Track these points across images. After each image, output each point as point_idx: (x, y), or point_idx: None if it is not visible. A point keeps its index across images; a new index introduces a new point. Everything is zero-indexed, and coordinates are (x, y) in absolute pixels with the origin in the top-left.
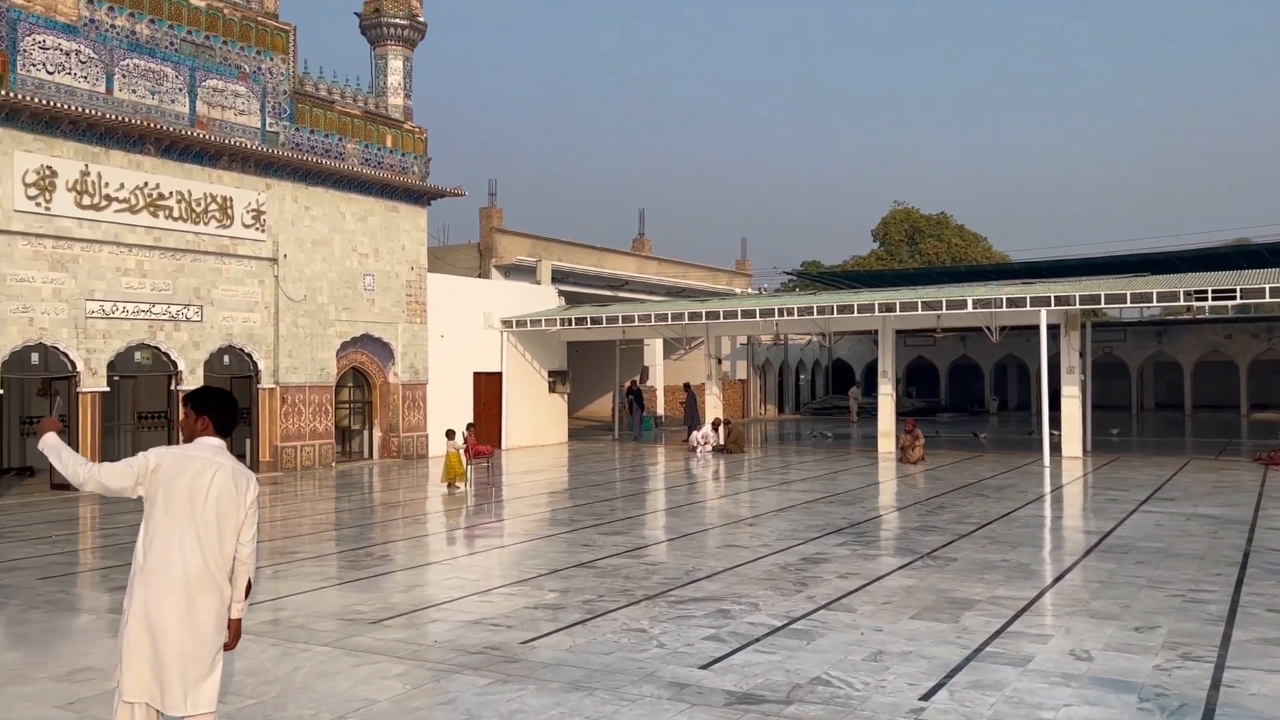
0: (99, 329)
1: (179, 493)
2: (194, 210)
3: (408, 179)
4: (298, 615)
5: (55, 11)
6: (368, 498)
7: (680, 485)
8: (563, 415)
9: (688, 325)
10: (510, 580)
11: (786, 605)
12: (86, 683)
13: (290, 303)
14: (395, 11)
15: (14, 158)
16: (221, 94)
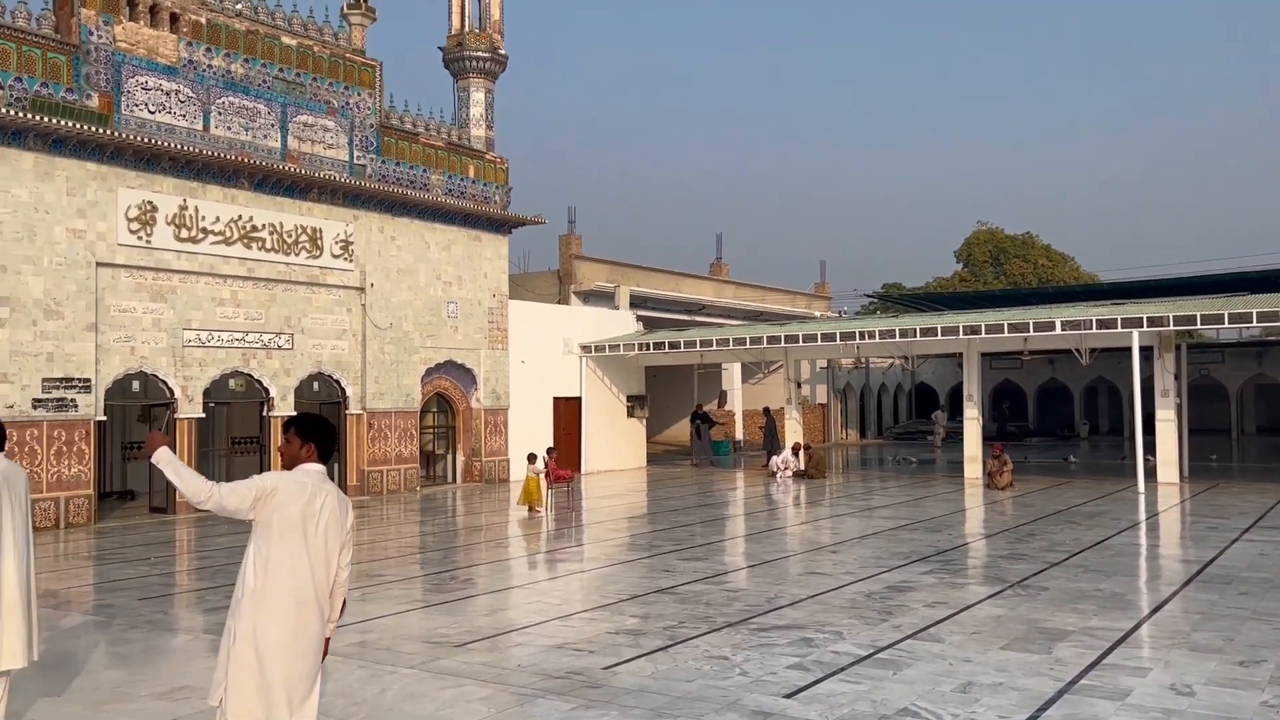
0: (195, 357)
1: (294, 518)
2: (285, 241)
3: (490, 208)
4: (385, 638)
5: (157, 54)
6: (451, 522)
7: (760, 511)
8: (641, 440)
9: (766, 349)
10: (591, 605)
11: (872, 634)
12: (184, 701)
13: (377, 330)
14: (477, 45)
15: (118, 194)
16: (311, 129)
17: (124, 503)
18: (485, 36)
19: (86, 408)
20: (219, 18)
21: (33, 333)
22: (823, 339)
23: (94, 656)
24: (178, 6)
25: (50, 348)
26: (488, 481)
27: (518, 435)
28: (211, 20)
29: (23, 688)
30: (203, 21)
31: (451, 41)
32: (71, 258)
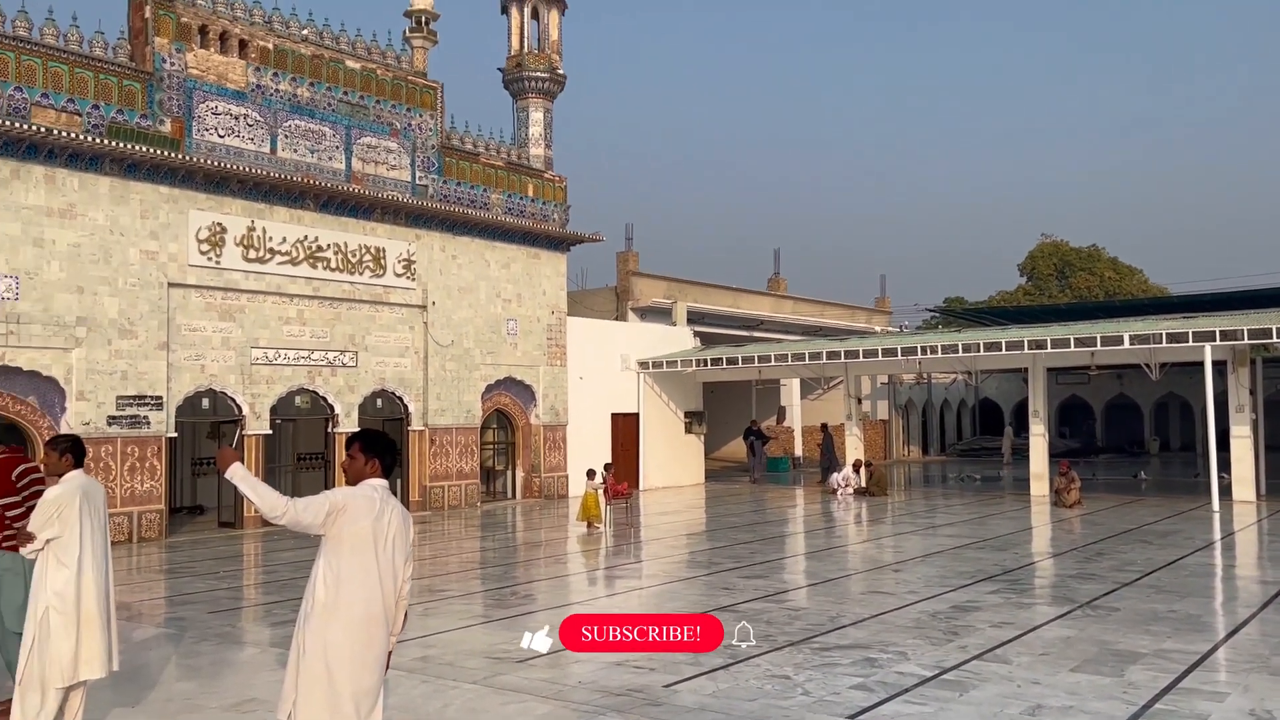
0: (263, 375)
1: (364, 533)
2: (350, 261)
3: (549, 226)
4: (446, 652)
5: (226, 79)
6: (511, 537)
7: (821, 529)
8: (699, 456)
9: (825, 365)
10: None
11: (937, 655)
12: (252, 713)
13: (438, 348)
14: (536, 65)
15: (189, 216)
16: (375, 150)
17: (194, 517)
18: (544, 57)
19: (158, 424)
20: (286, 43)
21: (108, 352)
22: (883, 354)
23: (166, 669)
24: (247, 33)
25: (124, 366)
26: (547, 497)
27: (576, 451)
28: (279, 45)
29: (99, 698)
30: (270, 47)
31: (511, 63)
32: (144, 278)
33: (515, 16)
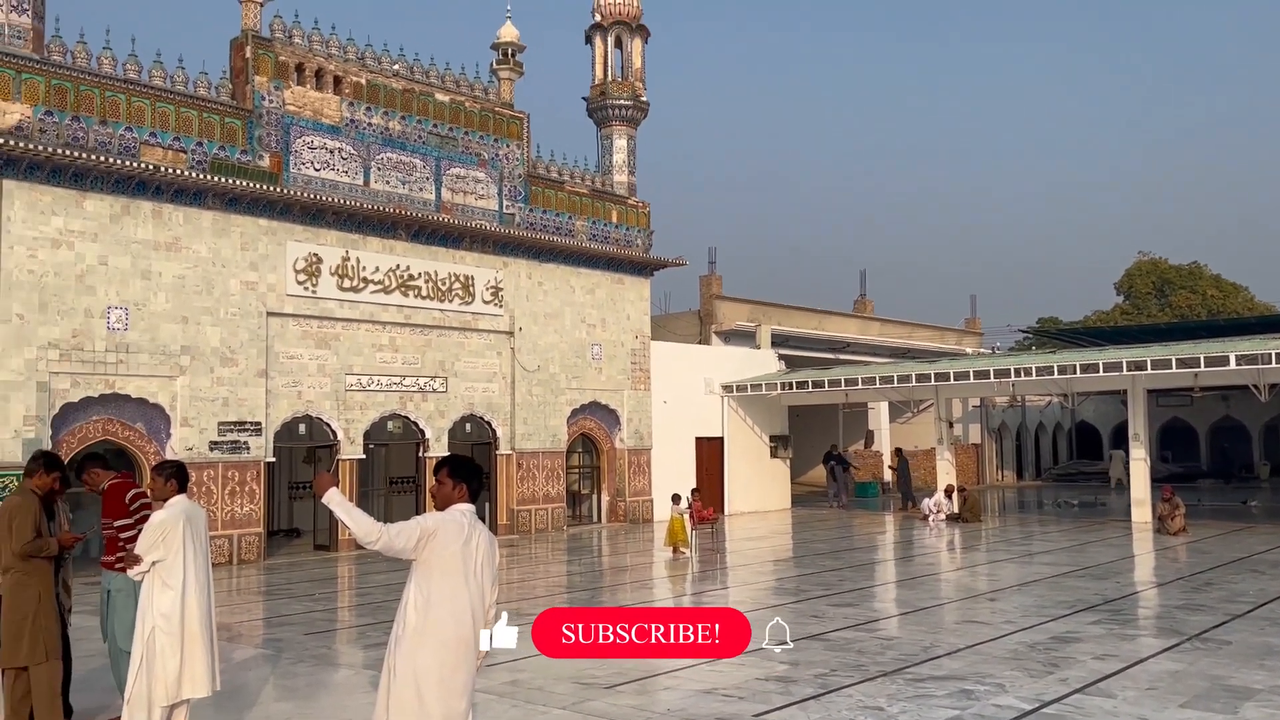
0: (357, 401)
1: (454, 558)
2: (439, 289)
3: (632, 252)
4: (536, 677)
5: (322, 115)
6: (597, 561)
7: (912, 555)
8: (785, 480)
9: (915, 388)
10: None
11: (1037, 687)
12: None
13: (525, 373)
14: (619, 93)
15: (286, 247)
16: (463, 180)
17: (290, 540)
18: (627, 85)
19: (257, 450)
20: (378, 78)
21: (210, 379)
22: (975, 377)
23: (265, 689)
24: (341, 70)
25: (225, 393)
26: (632, 521)
27: (661, 475)
28: (371, 81)
29: (201, 716)
30: (363, 82)
31: (595, 91)
32: (244, 308)
33: (599, 46)
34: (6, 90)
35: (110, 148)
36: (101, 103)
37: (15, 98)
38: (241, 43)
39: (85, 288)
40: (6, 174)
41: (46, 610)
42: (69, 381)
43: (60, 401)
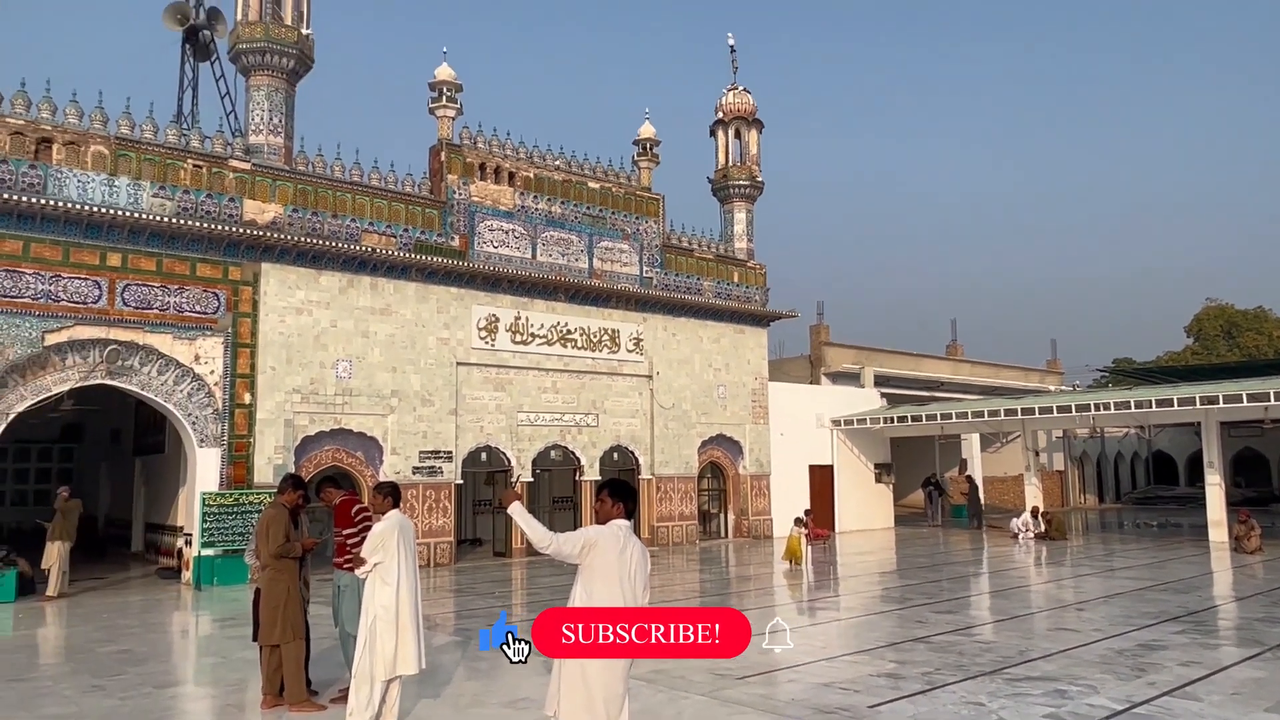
0: (526, 433)
1: (611, 564)
2: (592, 341)
3: (751, 307)
4: (677, 667)
5: (499, 203)
6: (725, 571)
7: (1004, 570)
8: (888, 503)
9: (1003, 421)
10: (852, 649)
11: (1126, 690)
12: (525, 710)
13: (662, 410)
14: (739, 176)
15: (472, 310)
16: (611, 251)
17: (474, 548)
18: (745, 169)
19: (449, 473)
20: (543, 171)
21: (413, 417)
22: (1058, 411)
23: (457, 670)
24: (514, 166)
25: (424, 428)
26: (755, 537)
27: (779, 498)
28: (538, 174)
29: (409, 690)
30: (531, 176)
31: (718, 174)
32: (440, 359)
33: (721, 137)
34: (266, 194)
35: (339, 235)
36: (333, 200)
37: (271, 199)
38: (438, 149)
39: (320, 345)
40: (264, 258)
41: (293, 600)
42: (307, 419)
43: (301, 435)
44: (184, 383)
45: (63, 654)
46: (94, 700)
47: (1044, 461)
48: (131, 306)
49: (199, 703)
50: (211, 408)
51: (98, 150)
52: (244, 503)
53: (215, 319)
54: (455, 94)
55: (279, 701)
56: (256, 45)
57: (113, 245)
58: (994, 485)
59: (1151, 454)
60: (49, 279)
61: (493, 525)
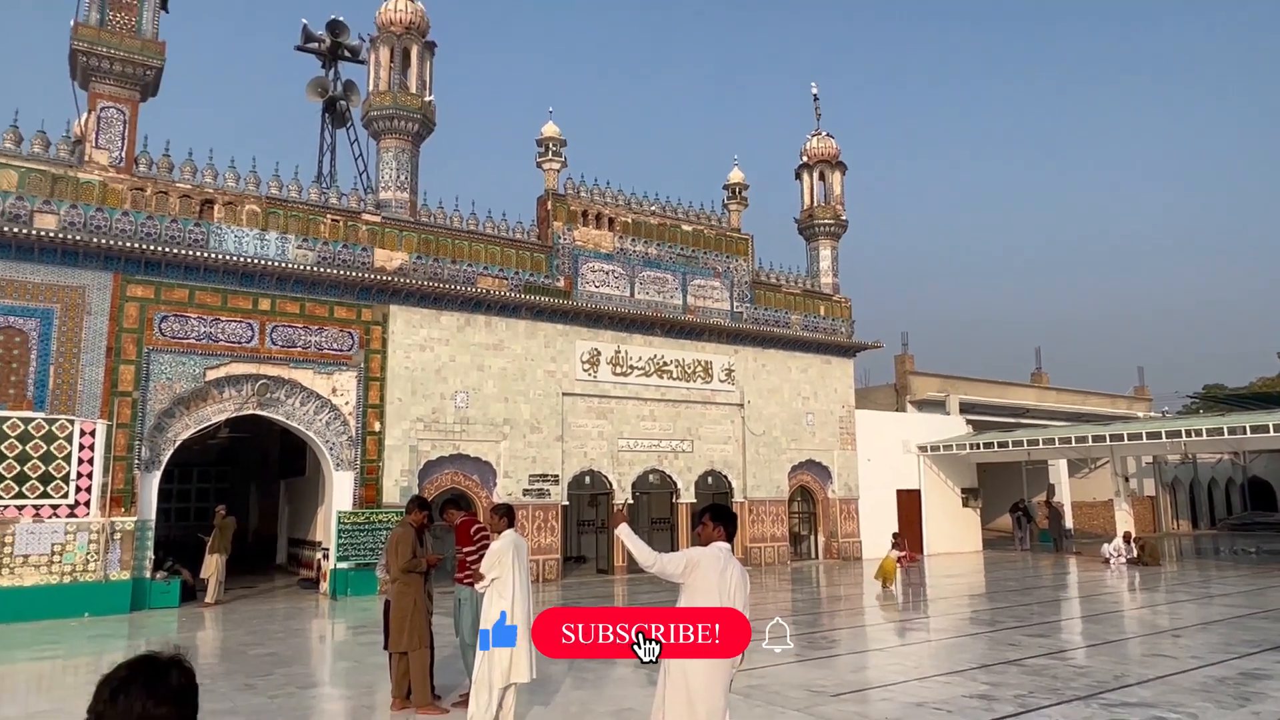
0: (626, 459)
1: (712, 583)
2: (686, 372)
3: (837, 338)
4: (773, 684)
5: (600, 246)
6: (816, 591)
7: (1096, 594)
8: (976, 527)
9: (1091, 447)
10: (944, 670)
11: (1229, 719)
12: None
13: (753, 436)
14: (824, 215)
15: (575, 345)
16: (703, 288)
17: (579, 565)
18: (830, 209)
19: (556, 495)
20: (640, 217)
21: (523, 443)
22: (1148, 437)
23: (565, 679)
24: (613, 212)
25: (533, 453)
26: (844, 559)
27: (867, 520)
28: (635, 219)
29: (522, 697)
30: (629, 220)
31: (804, 215)
32: (547, 390)
33: (806, 180)
34: (394, 243)
35: (457, 279)
36: (452, 247)
37: (399, 248)
38: (544, 199)
39: (440, 378)
40: (393, 301)
41: (420, 611)
42: (430, 445)
43: (424, 459)
44: (323, 413)
45: (219, 655)
46: (246, 698)
47: (1134, 487)
48: (279, 345)
49: (336, 703)
50: (346, 435)
51: (251, 209)
52: (374, 521)
53: (350, 355)
54: (559, 148)
55: (406, 705)
56: (386, 112)
57: (263, 291)
58: (1083, 510)
59: (1247, 480)
60: (210, 322)
61: (596, 543)
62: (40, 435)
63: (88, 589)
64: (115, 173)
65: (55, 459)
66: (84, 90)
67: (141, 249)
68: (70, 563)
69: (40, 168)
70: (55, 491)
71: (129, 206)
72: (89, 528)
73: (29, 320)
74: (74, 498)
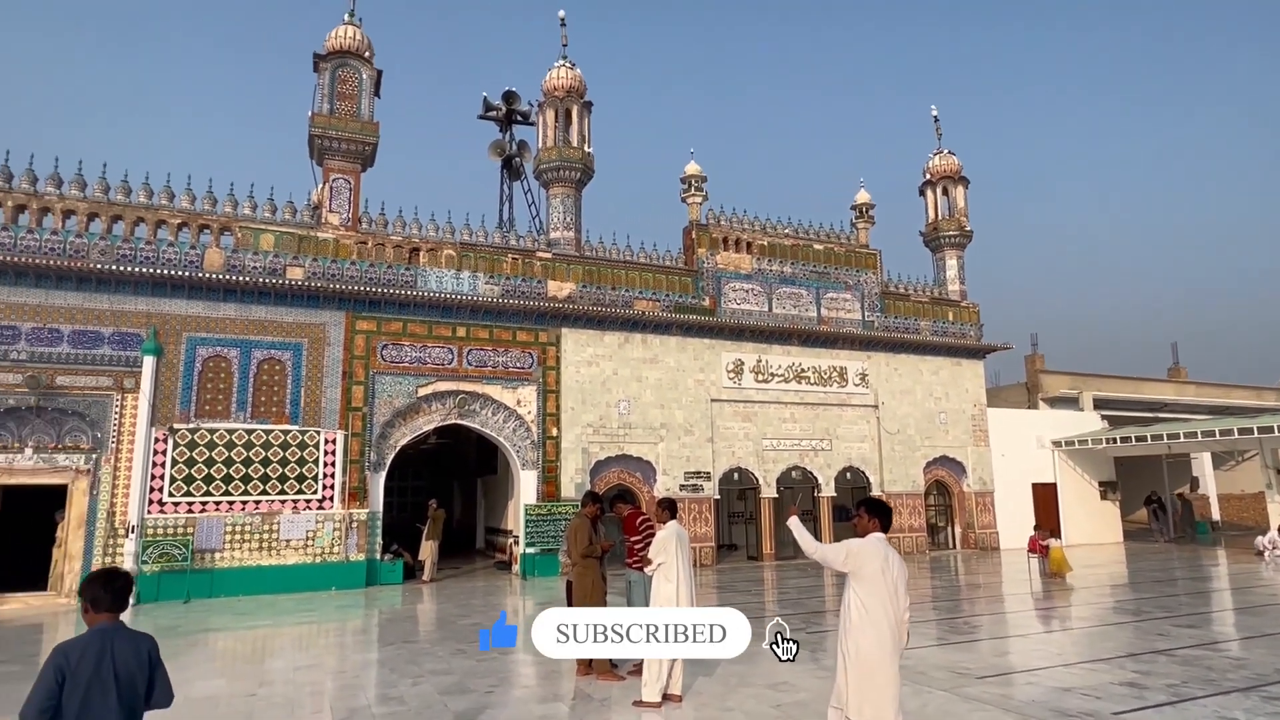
0: (770, 457)
1: (875, 572)
2: (822, 378)
3: (966, 341)
4: (919, 665)
5: (739, 268)
6: (954, 579)
7: (1250, 586)
8: (1115, 518)
9: (1237, 440)
10: (1090, 658)
11: None
12: (785, 692)
13: (888, 435)
14: (948, 227)
15: (720, 356)
16: (835, 301)
17: (730, 552)
18: (954, 221)
19: (708, 490)
20: (775, 239)
21: (678, 444)
22: None
23: None
24: (750, 237)
25: (687, 453)
26: (981, 549)
27: (1003, 512)
28: (771, 242)
29: (686, 669)
30: (765, 243)
31: (929, 228)
32: (697, 397)
33: (930, 195)
34: (562, 275)
35: (617, 303)
36: (611, 276)
37: (567, 279)
38: (689, 229)
39: (605, 389)
40: (563, 324)
41: (598, 591)
42: (598, 447)
43: (593, 459)
44: (510, 421)
45: (435, 624)
46: (459, 661)
47: None
48: (473, 366)
49: (530, 667)
50: (529, 440)
51: (448, 253)
52: (555, 513)
53: (530, 372)
54: (701, 184)
55: (589, 671)
56: (553, 164)
57: (459, 321)
58: (1231, 503)
59: None
60: (419, 348)
61: (745, 532)
62: (296, 444)
63: (333, 568)
64: (344, 230)
65: (307, 463)
66: (319, 165)
67: (366, 291)
68: (320, 546)
69: (290, 230)
70: (308, 489)
71: (355, 257)
72: (333, 518)
73: (285, 352)
74: (321, 494)
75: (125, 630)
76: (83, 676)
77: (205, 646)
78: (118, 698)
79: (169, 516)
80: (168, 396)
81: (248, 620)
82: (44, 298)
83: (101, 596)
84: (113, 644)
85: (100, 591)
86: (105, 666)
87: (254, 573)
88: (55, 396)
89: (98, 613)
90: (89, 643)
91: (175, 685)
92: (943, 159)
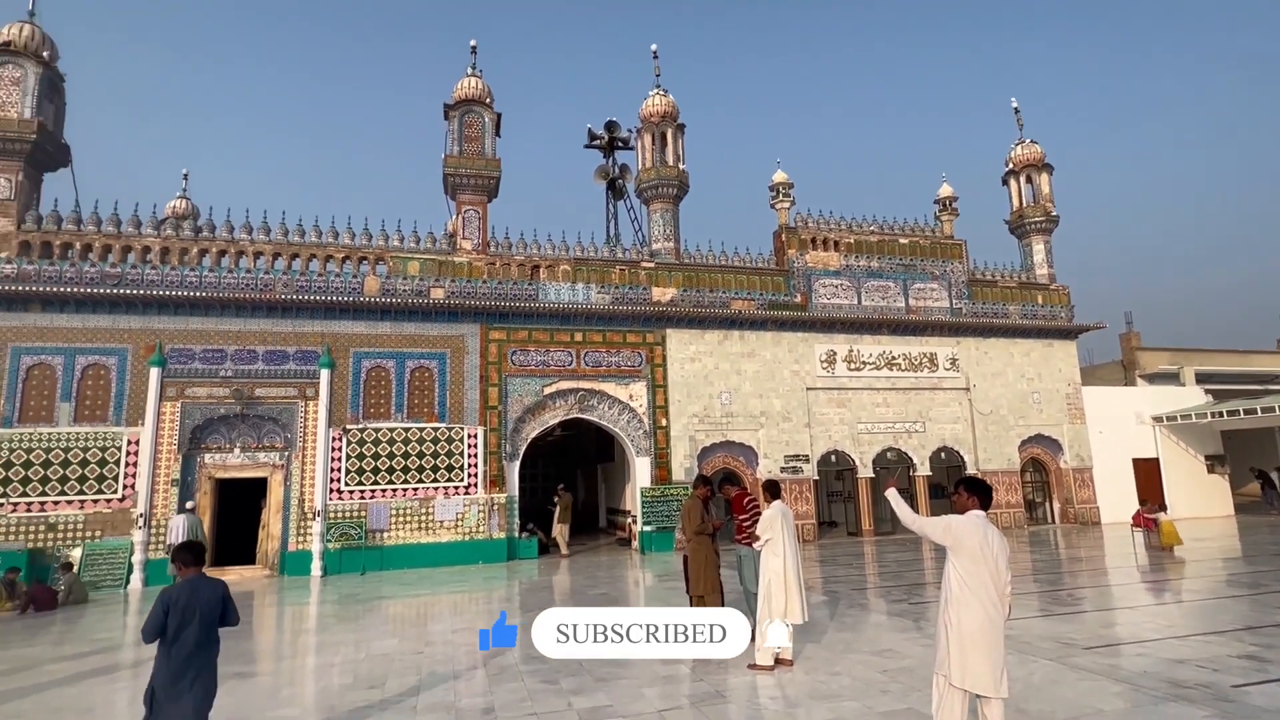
0: (865, 440)
1: (975, 546)
2: (913, 364)
3: (1056, 323)
4: (1023, 635)
5: (828, 265)
6: (1055, 553)
7: None
8: (1224, 492)
9: None
10: (1204, 630)
11: None
12: (889, 658)
13: (980, 415)
14: (1033, 214)
15: (814, 348)
16: (923, 291)
17: (830, 529)
18: (1039, 207)
19: (807, 471)
20: (861, 236)
21: (777, 430)
22: None
23: (830, 623)
24: (838, 236)
25: (786, 438)
26: (1081, 524)
27: (1103, 487)
28: (857, 239)
29: (797, 636)
30: (852, 241)
31: (1014, 215)
32: (794, 386)
33: (1014, 184)
34: (665, 281)
35: (715, 304)
36: (709, 279)
37: (669, 285)
38: (779, 232)
39: (708, 383)
40: (667, 326)
41: (711, 565)
42: (704, 435)
43: (699, 447)
44: (624, 414)
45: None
46: None
47: None
48: (590, 366)
49: None
50: (642, 430)
51: (565, 268)
52: (667, 495)
53: (639, 370)
54: (788, 190)
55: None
56: (652, 183)
57: (576, 328)
58: None
59: None
60: (543, 353)
61: (845, 510)
62: (444, 439)
63: (479, 545)
64: (476, 254)
65: (454, 454)
66: (453, 200)
67: (496, 306)
68: (468, 526)
69: (431, 257)
70: (455, 477)
71: (485, 277)
72: (477, 502)
73: (432, 361)
74: (467, 481)
75: (205, 578)
76: (178, 608)
77: (380, 611)
78: (200, 621)
79: (345, 502)
80: (340, 402)
81: (411, 589)
82: (243, 324)
83: (188, 559)
84: (198, 589)
85: (187, 555)
86: (192, 602)
87: (415, 549)
88: (255, 405)
89: (186, 568)
90: (182, 588)
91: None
92: (1025, 148)
